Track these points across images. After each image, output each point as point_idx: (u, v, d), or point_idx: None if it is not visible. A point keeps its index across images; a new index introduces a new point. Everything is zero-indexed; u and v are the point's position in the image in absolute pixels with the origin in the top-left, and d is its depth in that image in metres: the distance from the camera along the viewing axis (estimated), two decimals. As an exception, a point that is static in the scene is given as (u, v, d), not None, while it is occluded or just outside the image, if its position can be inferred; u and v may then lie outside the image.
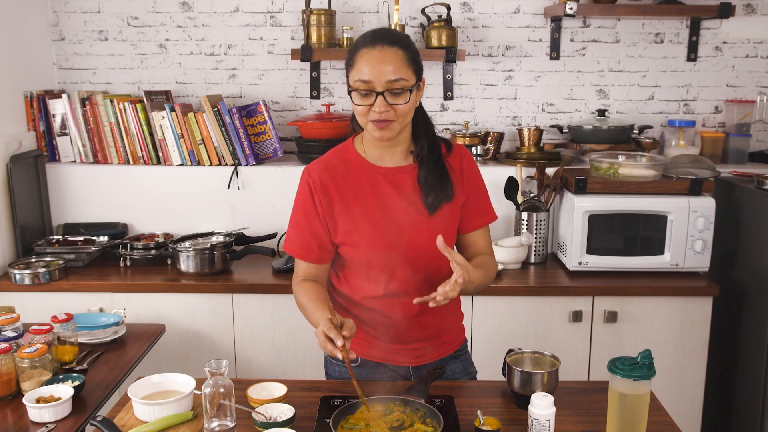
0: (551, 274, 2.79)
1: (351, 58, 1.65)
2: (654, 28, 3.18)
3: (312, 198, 1.73)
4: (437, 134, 1.80)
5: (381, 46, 1.61)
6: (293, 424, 1.55)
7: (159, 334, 2.38)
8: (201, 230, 3.03)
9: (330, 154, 1.79)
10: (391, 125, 1.63)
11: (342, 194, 1.72)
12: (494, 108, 3.26)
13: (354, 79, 1.62)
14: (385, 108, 1.60)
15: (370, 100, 1.61)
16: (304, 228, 1.75)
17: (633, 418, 1.48)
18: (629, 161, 2.83)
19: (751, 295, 2.68)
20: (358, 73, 1.61)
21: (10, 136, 2.87)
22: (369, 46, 1.62)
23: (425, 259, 1.73)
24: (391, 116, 1.62)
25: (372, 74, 1.59)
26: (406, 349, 1.80)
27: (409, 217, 1.71)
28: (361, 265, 1.74)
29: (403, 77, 1.60)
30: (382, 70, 1.59)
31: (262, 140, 3.07)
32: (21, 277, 2.64)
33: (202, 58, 3.23)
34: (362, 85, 1.60)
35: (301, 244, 1.76)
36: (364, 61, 1.60)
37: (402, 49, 1.62)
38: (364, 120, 1.65)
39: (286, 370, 2.69)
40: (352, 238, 1.72)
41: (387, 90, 1.60)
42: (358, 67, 1.61)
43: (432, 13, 3.11)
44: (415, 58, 1.65)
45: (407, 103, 1.63)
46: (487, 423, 1.53)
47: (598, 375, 2.66)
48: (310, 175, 1.74)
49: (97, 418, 1.55)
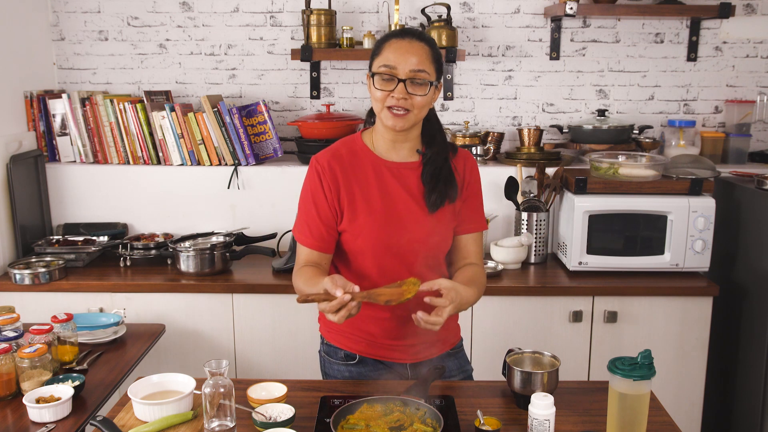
0: (551, 274, 2.79)
1: (378, 47, 1.71)
2: (654, 28, 3.18)
3: (321, 182, 1.75)
4: (445, 137, 1.84)
5: (410, 38, 1.69)
6: (293, 424, 1.55)
7: (159, 334, 2.38)
8: (201, 230, 3.03)
9: (338, 144, 1.82)
10: (407, 116, 1.68)
11: (348, 181, 1.75)
12: (494, 108, 3.26)
13: (378, 65, 1.68)
14: (404, 95, 1.65)
15: (391, 86, 1.66)
16: (314, 214, 1.76)
17: (633, 418, 1.48)
18: (629, 161, 2.83)
19: (751, 295, 2.68)
20: (384, 59, 1.67)
21: (10, 136, 2.87)
22: (399, 37, 1.70)
23: (421, 254, 1.75)
24: (408, 105, 1.67)
25: (397, 61, 1.66)
26: (403, 346, 1.81)
27: (410, 212, 1.74)
28: (358, 255, 1.76)
29: (426, 70, 1.67)
30: (408, 59, 1.66)
31: (262, 140, 3.07)
32: (21, 277, 2.64)
33: (202, 58, 3.23)
34: (386, 71, 1.66)
35: (310, 231, 1.76)
36: (392, 49, 1.68)
37: (428, 46, 1.70)
38: (380, 106, 1.69)
39: (286, 370, 2.69)
40: (353, 226, 1.74)
41: (409, 79, 1.65)
42: (385, 54, 1.68)
43: (432, 13, 3.11)
44: (438, 59, 1.72)
45: (425, 95, 1.68)
46: (487, 423, 1.53)
47: (598, 375, 2.66)
48: (318, 162, 1.77)
49: (97, 418, 1.55)
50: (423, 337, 1.79)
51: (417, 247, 1.74)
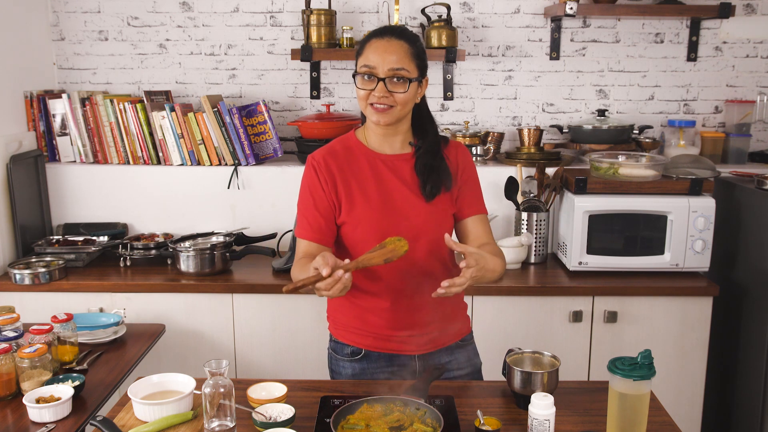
0: (551, 274, 2.79)
1: (361, 47, 1.77)
2: (654, 28, 3.18)
3: (318, 177, 1.80)
4: (437, 130, 1.88)
5: (389, 37, 1.74)
6: (293, 424, 1.55)
7: (159, 334, 2.38)
8: (201, 230, 3.03)
9: (333, 142, 1.88)
10: (390, 111, 1.73)
11: (345, 176, 1.80)
12: (494, 108, 3.26)
13: (360, 65, 1.75)
14: (384, 94, 1.71)
15: (372, 84, 1.72)
16: (312, 209, 1.80)
17: (633, 418, 1.48)
18: (629, 161, 2.83)
19: (751, 295, 2.68)
20: (365, 59, 1.74)
21: (10, 136, 2.87)
22: (378, 36, 1.75)
23: (422, 242, 1.77)
24: (390, 102, 1.72)
25: (376, 61, 1.71)
26: (409, 336, 1.81)
27: (407, 200, 1.79)
28: (358, 245, 1.78)
29: (405, 68, 1.72)
30: (387, 58, 1.71)
31: (262, 140, 3.07)
32: (21, 277, 2.64)
33: (202, 58, 3.23)
34: (366, 70, 1.72)
35: (310, 225, 1.79)
36: (372, 49, 1.73)
37: (408, 43, 1.75)
38: (364, 104, 1.76)
39: (286, 370, 2.69)
40: (352, 217, 1.78)
41: (388, 77, 1.71)
42: (366, 54, 1.74)
43: (432, 13, 3.11)
44: (420, 55, 1.76)
45: (406, 92, 1.73)
46: (487, 423, 1.53)
47: (598, 375, 2.66)
48: (314, 158, 1.83)
49: (97, 418, 1.55)
50: (430, 327, 1.81)
51: (417, 234, 1.76)
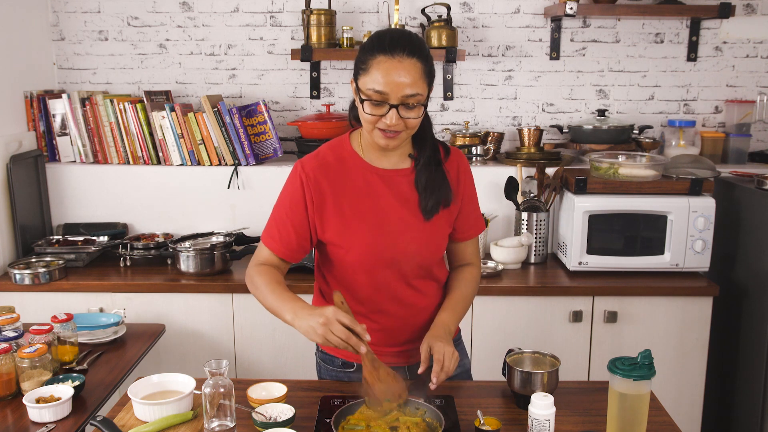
0: (551, 274, 2.79)
1: (365, 61, 1.56)
2: (654, 28, 3.18)
3: (303, 192, 1.67)
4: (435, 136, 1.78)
5: (400, 56, 1.53)
6: (293, 424, 1.55)
7: (159, 334, 2.38)
8: (201, 230, 3.03)
9: (325, 150, 1.73)
10: (399, 136, 1.60)
11: (336, 193, 1.68)
12: (494, 108, 3.26)
13: (367, 87, 1.55)
14: (398, 121, 1.55)
15: (383, 110, 1.55)
16: (287, 222, 1.69)
17: (633, 418, 1.48)
18: (629, 161, 2.83)
19: (751, 295, 2.68)
20: (373, 81, 1.53)
21: (10, 136, 2.87)
22: (387, 53, 1.53)
23: (416, 264, 1.72)
24: (400, 128, 1.57)
25: (388, 86, 1.52)
26: (399, 352, 1.80)
27: (404, 221, 1.69)
28: (350, 267, 1.71)
29: (419, 92, 1.55)
30: (400, 83, 1.52)
31: (262, 140, 3.07)
32: (21, 277, 2.64)
33: (202, 58, 3.23)
34: (376, 96, 1.54)
35: (281, 238, 1.70)
36: (382, 71, 1.53)
37: (420, 61, 1.55)
38: (370, 127, 1.60)
39: (286, 370, 2.69)
40: (343, 238, 1.68)
41: (401, 104, 1.54)
42: (373, 75, 1.53)
43: (432, 13, 3.11)
44: (431, 70, 1.60)
45: (419, 117, 1.59)
46: (487, 423, 1.53)
47: (598, 375, 2.66)
48: (303, 170, 1.68)
49: (97, 418, 1.55)
50: (419, 341, 1.77)
51: (411, 258, 1.70)
